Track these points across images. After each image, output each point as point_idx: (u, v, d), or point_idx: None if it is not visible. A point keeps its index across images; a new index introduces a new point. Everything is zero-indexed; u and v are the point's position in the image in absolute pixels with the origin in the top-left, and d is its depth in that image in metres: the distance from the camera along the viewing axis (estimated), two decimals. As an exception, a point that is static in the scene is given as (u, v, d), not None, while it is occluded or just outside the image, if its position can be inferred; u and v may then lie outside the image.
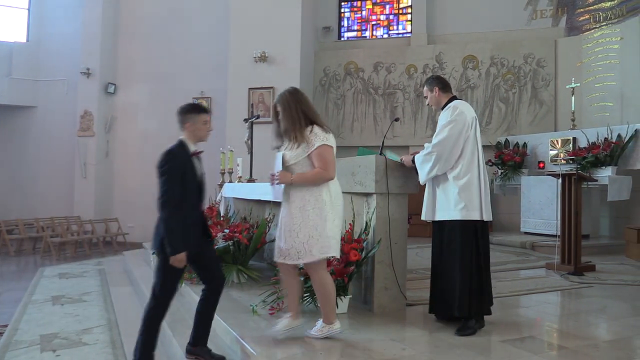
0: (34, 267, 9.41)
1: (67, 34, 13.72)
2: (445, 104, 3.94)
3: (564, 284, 5.57)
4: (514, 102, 11.01)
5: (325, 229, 3.26)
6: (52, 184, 13.64)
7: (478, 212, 3.67)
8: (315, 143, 3.26)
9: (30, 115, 13.99)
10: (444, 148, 3.70)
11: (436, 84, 3.99)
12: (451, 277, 3.70)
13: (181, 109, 3.61)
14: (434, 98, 3.99)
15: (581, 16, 10.86)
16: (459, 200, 3.65)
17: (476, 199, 3.68)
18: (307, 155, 3.28)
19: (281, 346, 3.34)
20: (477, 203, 3.67)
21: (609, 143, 7.98)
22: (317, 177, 3.27)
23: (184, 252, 3.26)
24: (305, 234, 3.25)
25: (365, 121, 11.82)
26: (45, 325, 5.21)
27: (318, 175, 3.27)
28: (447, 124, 3.74)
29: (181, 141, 3.53)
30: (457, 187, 3.67)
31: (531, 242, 8.29)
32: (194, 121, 3.54)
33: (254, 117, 8.10)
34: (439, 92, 3.96)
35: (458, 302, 3.63)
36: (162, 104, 13.08)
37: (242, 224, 5.81)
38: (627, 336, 3.68)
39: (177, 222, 3.26)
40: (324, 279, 3.38)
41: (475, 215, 3.67)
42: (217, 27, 12.49)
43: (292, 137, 3.32)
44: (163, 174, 3.32)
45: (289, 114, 3.32)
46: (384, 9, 12.58)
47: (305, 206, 3.28)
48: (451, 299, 3.68)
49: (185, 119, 3.55)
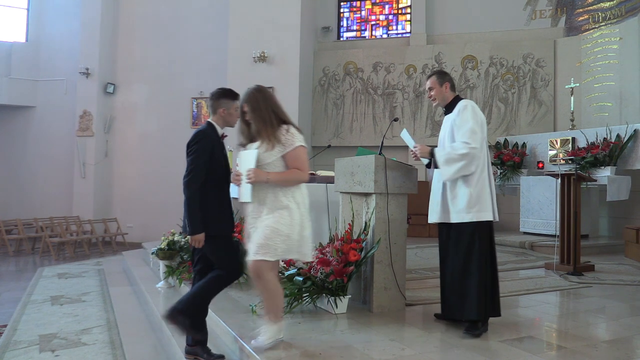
0: (33, 267, 9.41)
1: (66, 34, 13.72)
2: (451, 102, 3.88)
3: (563, 284, 5.57)
4: (513, 102, 11.02)
5: (293, 232, 3.17)
6: (51, 184, 13.63)
7: (491, 212, 3.67)
8: (293, 143, 3.19)
9: (30, 115, 13.98)
10: (477, 150, 3.62)
11: (448, 80, 3.90)
12: (469, 281, 3.61)
13: (215, 94, 3.57)
14: (441, 93, 3.89)
15: (580, 16, 10.87)
16: (476, 201, 3.61)
17: (488, 199, 3.67)
18: (281, 155, 3.20)
19: (280, 346, 3.34)
20: (490, 204, 3.67)
21: (608, 143, 7.99)
22: (294, 178, 3.21)
23: (202, 233, 3.31)
24: (271, 234, 3.12)
25: (365, 121, 11.82)
26: (44, 326, 5.20)
27: (296, 176, 3.20)
28: (476, 125, 3.65)
29: (210, 123, 3.55)
30: (473, 188, 3.63)
31: (530, 242, 8.29)
32: (228, 107, 3.54)
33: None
34: (449, 89, 3.89)
35: (477, 305, 3.56)
36: (161, 104, 13.10)
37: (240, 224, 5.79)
38: (626, 336, 3.68)
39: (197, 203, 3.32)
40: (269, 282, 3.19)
41: (489, 216, 3.66)
42: (216, 27, 12.49)
43: (265, 138, 3.21)
44: (192, 153, 3.36)
45: (259, 115, 3.23)
46: (383, 9, 12.58)
47: (276, 206, 3.18)
48: (469, 302, 3.59)
49: (219, 105, 3.53)
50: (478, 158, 3.63)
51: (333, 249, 4.16)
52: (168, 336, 4.21)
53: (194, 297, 3.37)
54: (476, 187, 3.63)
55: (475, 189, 3.63)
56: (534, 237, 8.65)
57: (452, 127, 3.76)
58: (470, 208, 3.61)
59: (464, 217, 3.63)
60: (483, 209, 3.63)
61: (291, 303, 4.07)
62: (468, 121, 3.66)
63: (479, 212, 3.61)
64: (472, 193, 3.62)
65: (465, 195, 3.64)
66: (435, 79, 3.90)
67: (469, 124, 3.65)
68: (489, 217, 3.66)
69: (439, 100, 3.92)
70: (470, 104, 3.76)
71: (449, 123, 3.81)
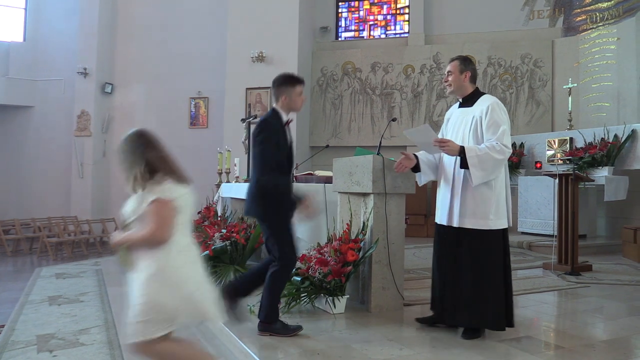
0: (30, 267, 9.38)
1: (64, 33, 13.69)
2: (470, 95, 3.63)
3: (561, 283, 5.58)
4: (511, 102, 11.03)
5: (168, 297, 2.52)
6: (49, 183, 13.60)
7: (506, 219, 3.51)
8: (156, 195, 2.51)
9: (27, 115, 13.94)
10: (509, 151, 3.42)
11: (471, 69, 3.63)
12: (497, 289, 3.43)
13: (276, 80, 3.59)
14: (460, 81, 3.61)
15: (578, 17, 10.89)
16: (494, 207, 3.44)
17: (504, 206, 3.51)
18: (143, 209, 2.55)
19: (278, 346, 3.34)
20: (506, 210, 3.52)
21: (606, 143, 8.00)
22: (144, 240, 2.52)
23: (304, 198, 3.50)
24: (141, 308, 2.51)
25: (363, 121, 11.82)
26: (42, 326, 5.19)
27: (145, 237, 2.51)
28: (508, 128, 3.44)
29: (275, 110, 3.59)
30: (492, 192, 3.44)
31: (528, 242, 8.30)
32: (289, 93, 3.56)
33: (251, 117, 8.11)
34: (468, 79, 3.62)
35: (492, 315, 3.42)
36: (159, 104, 13.08)
37: (239, 224, 5.80)
38: (623, 336, 3.69)
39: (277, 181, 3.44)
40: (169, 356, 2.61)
41: (505, 223, 3.51)
42: (214, 27, 12.48)
43: (133, 187, 2.59)
44: (260, 142, 3.43)
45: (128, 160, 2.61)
46: (382, 9, 12.59)
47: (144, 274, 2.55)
48: (495, 312, 3.42)
49: (281, 92, 3.56)
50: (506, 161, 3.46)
51: (331, 249, 4.16)
52: (166, 336, 4.19)
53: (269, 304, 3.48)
54: (498, 192, 3.47)
55: (497, 195, 3.46)
56: (532, 237, 8.66)
57: (477, 123, 3.50)
58: (490, 214, 3.43)
59: (479, 224, 3.43)
60: (502, 215, 3.48)
61: (289, 303, 4.07)
62: (503, 122, 3.42)
63: (498, 219, 3.45)
64: (492, 199, 3.44)
65: (485, 200, 3.43)
66: (457, 64, 3.63)
67: (504, 126, 3.42)
68: (505, 224, 3.51)
69: (454, 88, 3.65)
70: (500, 103, 3.55)
71: (471, 118, 3.54)
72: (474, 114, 3.54)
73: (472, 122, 3.53)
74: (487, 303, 3.40)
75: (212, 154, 10.91)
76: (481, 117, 3.48)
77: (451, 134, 3.69)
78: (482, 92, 3.69)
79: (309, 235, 5.09)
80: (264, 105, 11.16)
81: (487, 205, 3.43)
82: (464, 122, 3.61)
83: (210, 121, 12.77)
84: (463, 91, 3.65)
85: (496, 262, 3.45)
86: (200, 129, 12.84)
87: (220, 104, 11.98)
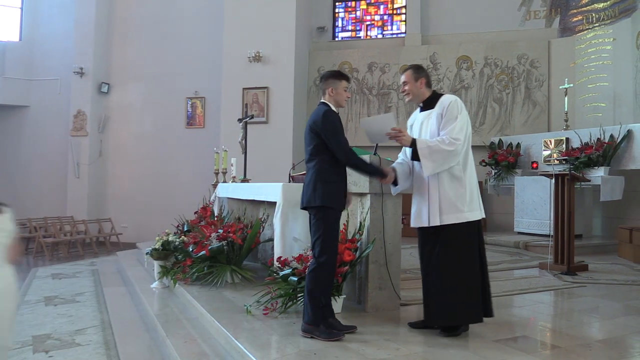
0: (26, 267, 9.35)
1: (60, 33, 13.65)
2: (429, 99, 3.76)
3: (557, 283, 5.59)
4: (507, 103, 11.05)
5: None
6: (45, 183, 13.57)
7: (479, 210, 3.61)
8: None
9: (23, 115, 13.90)
10: (463, 144, 3.52)
11: (424, 76, 3.77)
12: (474, 281, 3.52)
13: (323, 75, 3.79)
14: (416, 88, 3.75)
15: (574, 17, 10.92)
16: (468, 200, 3.54)
17: (477, 196, 3.61)
18: None
19: (275, 346, 3.34)
20: (478, 202, 3.62)
21: (602, 143, 8.03)
22: None
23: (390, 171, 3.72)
24: None
25: (360, 121, 11.81)
26: (38, 326, 5.18)
27: None
28: (463, 122, 3.56)
29: (325, 104, 3.69)
30: (463, 186, 3.55)
31: (524, 242, 8.32)
32: (336, 87, 3.68)
33: (248, 117, 8.10)
34: (424, 85, 3.76)
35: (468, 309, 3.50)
36: (155, 104, 13.06)
37: (236, 224, 5.80)
38: (619, 335, 3.70)
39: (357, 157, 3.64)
40: None
41: (479, 215, 3.60)
42: (211, 27, 12.47)
43: None
44: (331, 132, 3.56)
45: None
46: (378, 9, 12.59)
47: None
48: (474, 304, 3.51)
49: (327, 85, 3.69)
50: (459, 154, 3.55)
51: (328, 249, 4.15)
52: (162, 336, 4.20)
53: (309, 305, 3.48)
54: (468, 184, 3.57)
55: (467, 187, 3.56)
56: (528, 237, 8.68)
57: (438, 122, 3.64)
58: (463, 207, 3.52)
59: (454, 218, 3.51)
60: (475, 207, 3.57)
61: (286, 303, 4.07)
62: (457, 117, 3.57)
63: (472, 211, 3.54)
64: (463, 191, 3.54)
65: (456, 193, 3.54)
66: (410, 74, 3.76)
67: (458, 120, 3.56)
68: (479, 215, 3.60)
69: (412, 96, 3.79)
70: (459, 100, 3.68)
71: (435, 117, 3.67)
72: (435, 114, 3.69)
73: (434, 120, 3.69)
74: (462, 298, 3.48)
75: (209, 154, 10.90)
76: (442, 113, 3.64)
77: (417, 136, 3.78)
78: (440, 93, 3.85)
79: (305, 235, 5.09)
80: (260, 105, 11.16)
81: (462, 199, 3.54)
82: (428, 123, 3.74)
83: (206, 121, 12.76)
84: (421, 97, 3.81)
85: (473, 254, 3.55)
86: (197, 129, 12.82)
87: (217, 104, 11.96)
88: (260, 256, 6.44)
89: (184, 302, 5.08)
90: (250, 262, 6.18)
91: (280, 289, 4.13)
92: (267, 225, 5.86)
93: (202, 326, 4.26)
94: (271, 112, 11.17)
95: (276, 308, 4.07)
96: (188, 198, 10.34)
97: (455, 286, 3.48)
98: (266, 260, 5.53)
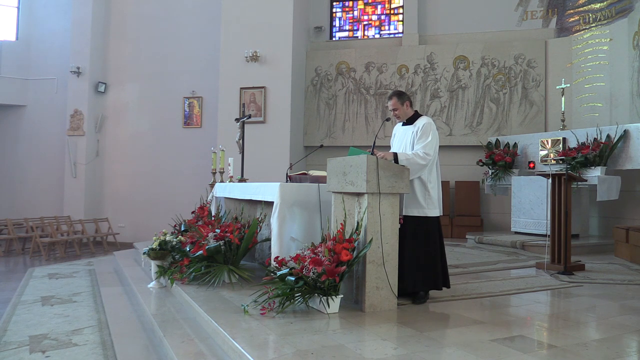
0: (23, 267, 9.33)
1: (57, 32, 13.64)
2: (412, 117, 4.75)
3: (553, 283, 5.61)
4: (504, 103, 11.06)
5: None
6: (42, 183, 13.55)
7: (438, 209, 4.67)
8: None
9: (20, 115, 13.88)
10: (434, 157, 4.55)
11: (408, 99, 4.77)
12: (434, 260, 4.56)
13: None
14: (404, 111, 4.75)
15: (571, 17, 10.94)
16: (436, 200, 4.63)
17: (438, 198, 4.67)
18: None
19: (272, 346, 3.34)
20: (439, 202, 4.68)
21: (599, 143, 8.05)
22: None
23: None
24: None
25: (357, 121, 11.83)
26: (34, 326, 5.17)
27: None
28: (434, 141, 4.56)
29: None
30: (432, 189, 4.60)
31: (521, 242, 8.34)
32: None
33: (245, 117, 8.09)
34: (409, 106, 4.79)
35: (442, 277, 4.63)
36: (152, 103, 13.05)
37: (233, 224, 5.79)
38: (615, 335, 3.71)
39: None
40: None
41: (437, 212, 4.66)
42: (208, 27, 12.47)
43: None
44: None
45: None
46: (376, 9, 12.60)
47: None
48: (434, 276, 4.55)
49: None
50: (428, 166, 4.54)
51: (325, 249, 4.16)
52: (159, 336, 4.19)
53: None
54: (437, 188, 4.66)
55: (436, 190, 4.65)
56: (525, 236, 8.70)
57: (414, 136, 4.62)
58: (434, 204, 4.60)
59: (429, 212, 4.58)
60: (434, 207, 4.63)
61: (283, 303, 4.07)
62: (429, 136, 4.54)
63: (431, 209, 4.60)
64: (434, 195, 4.62)
65: (425, 194, 4.59)
66: (396, 100, 4.72)
67: (430, 139, 4.53)
68: (437, 213, 4.66)
69: (402, 118, 4.80)
70: (432, 122, 4.70)
71: (411, 133, 4.67)
72: (412, 130, 4.70)
73: (411, 135, 4.69)
74: (427, 270, 4.52)
75: (206, 153, 10.90)
76: (417, 131, 4.64)
77: (397, 145, 4.87)
78: (420, 114, 4.84)
79: (303, 235, 5.09)
80: (257, 104, 11.15)
81: (431, 198, 4.61)
82: (406, 136, 4.77)
83: (204, 121, 12.75)
84: (408, 116, 4.83)
85: (435, 240, 4.61)
86: (194, 129, 12.81)
87: (214, 104, 11.96)
88: (257, 256, 6.43)
89: (181, 302, 5.08)
90: (247, 262, 6.18)
91: (277, 288, 4.13)
92: (265, 225, 5.85)
93: (199, 326, 4.26)
94: (268, 111, 11.17)
95: (273, 308, 4.07)
96: (185, 198, 10.34)
97: (420, 264, 4.50)
98: (263, 260, 5.53)
